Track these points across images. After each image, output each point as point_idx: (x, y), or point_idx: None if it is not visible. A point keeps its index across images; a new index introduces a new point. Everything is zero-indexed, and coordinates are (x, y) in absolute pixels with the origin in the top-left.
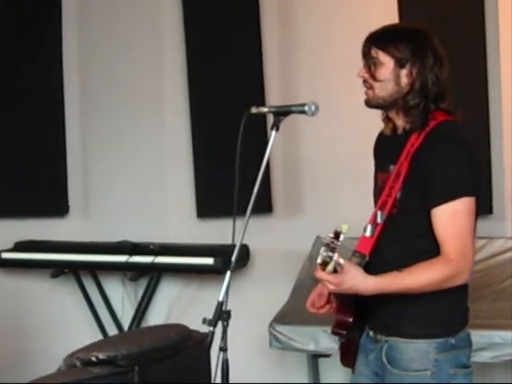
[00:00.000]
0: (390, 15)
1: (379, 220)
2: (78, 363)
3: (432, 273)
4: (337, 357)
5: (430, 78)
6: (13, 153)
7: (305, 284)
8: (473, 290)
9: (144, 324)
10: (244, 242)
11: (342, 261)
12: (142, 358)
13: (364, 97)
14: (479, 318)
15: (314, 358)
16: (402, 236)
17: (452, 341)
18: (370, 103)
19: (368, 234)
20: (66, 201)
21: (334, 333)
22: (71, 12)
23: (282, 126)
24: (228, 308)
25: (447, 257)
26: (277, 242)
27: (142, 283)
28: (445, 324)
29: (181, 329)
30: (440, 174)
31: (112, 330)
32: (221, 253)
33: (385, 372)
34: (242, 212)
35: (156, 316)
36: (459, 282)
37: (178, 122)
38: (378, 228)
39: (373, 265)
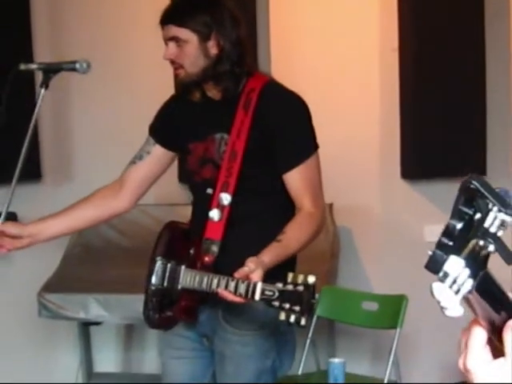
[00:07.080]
0: None
1: (225, 202)
2: None
3: (306, 231)
4: (107, 324)
5: (232, 42)
6: None
7: (74, 252)
8: None
9: None
10: (12, 210)
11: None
12: None
13: None
14: None
15: (85, 326)
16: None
17: None
18: (184, 82)
19: (216, 218)
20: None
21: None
22: None
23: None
24: None
25: (309, 212)
26: (46, 209)
27: None
28: None
29: None
30: (287, 136)
31: None
32: None
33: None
34: (8, 179)
35: None
36: (321, 232)
37: None
38: (226, 210)
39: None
